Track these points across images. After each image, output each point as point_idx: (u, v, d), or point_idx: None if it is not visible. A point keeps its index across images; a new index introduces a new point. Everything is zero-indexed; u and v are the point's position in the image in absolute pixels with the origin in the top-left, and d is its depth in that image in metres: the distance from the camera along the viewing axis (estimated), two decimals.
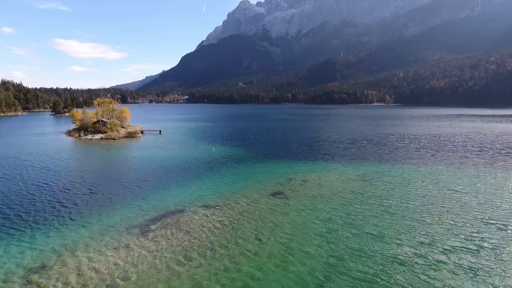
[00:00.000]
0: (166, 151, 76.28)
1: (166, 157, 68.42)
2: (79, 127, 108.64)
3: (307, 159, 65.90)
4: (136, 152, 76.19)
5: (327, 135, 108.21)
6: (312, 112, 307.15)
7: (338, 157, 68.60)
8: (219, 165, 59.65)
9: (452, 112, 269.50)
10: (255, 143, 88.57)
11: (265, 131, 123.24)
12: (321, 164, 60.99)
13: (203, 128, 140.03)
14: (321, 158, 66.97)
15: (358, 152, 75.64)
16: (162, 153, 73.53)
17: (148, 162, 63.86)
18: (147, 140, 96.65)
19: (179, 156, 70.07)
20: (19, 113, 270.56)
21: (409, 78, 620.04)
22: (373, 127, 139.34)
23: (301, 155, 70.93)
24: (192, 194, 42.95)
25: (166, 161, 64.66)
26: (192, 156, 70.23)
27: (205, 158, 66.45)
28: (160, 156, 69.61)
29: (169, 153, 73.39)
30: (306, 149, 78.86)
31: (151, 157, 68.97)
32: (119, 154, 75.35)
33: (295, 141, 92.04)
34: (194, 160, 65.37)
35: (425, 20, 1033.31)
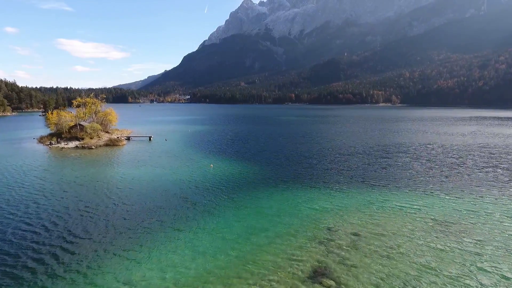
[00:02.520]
0: (149, 169, 58.99)
1: (145, 181, 50.82)
2: (54, 132, 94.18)
3: (333, 184, 48.73)
4: (109, 171, 58.15)
5: (346, 143, 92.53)
6: (318, 113, 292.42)
7: (379, 180, 50.46)
8: (215, 198, 42.36)
9: (468, 113, 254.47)
10: (261, 156, 71.88)
11: (271, 138, 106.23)
12: (359, 193, 44.07)
13: (201, 133, 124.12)
14: (354, 182, 49.70)
15: (409, 173, 61.33)
16: (142, 173, 55.84)
17: (116, 191, 46.13)
18: (131, 150, 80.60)
19: (164, 178, 52.83)
20: (8, 114, 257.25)
21: (415, 78, 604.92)
22: (397, 133, 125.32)
23: (324, 176, 53.52)
24: (160, 271, 24.82)
25: (144, 187, 47.38)
26: (181, 178, 52.46)
27: (198, 183, 49.39)
28: (138, 179, 51.96)
29: (151, 173, 55.96)
30: (328, 166, 61.40)
31: (124, 180, 51.65)
32: (86, 173, 56.30)
33: (310, 154, 75.27)
34: (183, 186, 47.79)
35: (430, 19, 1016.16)
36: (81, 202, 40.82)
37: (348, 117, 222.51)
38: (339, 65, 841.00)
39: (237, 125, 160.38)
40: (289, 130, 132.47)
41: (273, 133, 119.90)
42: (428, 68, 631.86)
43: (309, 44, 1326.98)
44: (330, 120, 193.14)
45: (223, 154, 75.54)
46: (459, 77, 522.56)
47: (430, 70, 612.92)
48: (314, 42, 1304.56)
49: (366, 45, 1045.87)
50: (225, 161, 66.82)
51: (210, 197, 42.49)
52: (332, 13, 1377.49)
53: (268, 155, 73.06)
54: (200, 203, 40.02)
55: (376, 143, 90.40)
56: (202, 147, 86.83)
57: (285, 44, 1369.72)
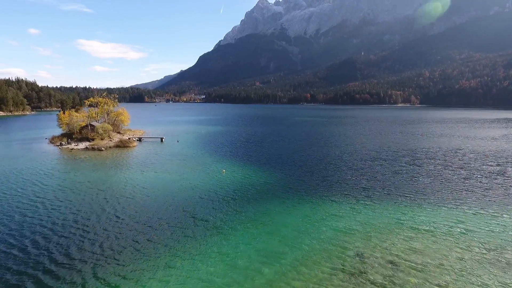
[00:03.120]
0: (156, 175, 54.95)
1: (150, 189, 46.61)
2: (66, 133, 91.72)
3: (357, 196, 42.88)
4: (114, 177, 54.09)
5: (367, 148, 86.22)
6: (334, 113, 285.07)
7: (409, 193, 44.47)
8: (226, 211, 37.63)
9: (493, 115, 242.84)
10: (276, 162, 66.42)
11: (287, 141, 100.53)
12: (388, 209, 38.16)
13: (214, 134, 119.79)
14: (381, 194, 43.83)
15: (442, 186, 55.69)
16: (149, 179, 51.88)
17: (117, 200, 41.98)
18: (141, 152, 77.07)
19: (172, 185, 48.78)
20: (27, 113, 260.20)
21: (435, 77, 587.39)
22: (421, 137, 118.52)
23: (346, 187, 47.74)
24: None
25: (148, 196, 43.18)
26: (191, 185, 48.25)
27: (208, 192, 45.05)
28: (143, 186, 47.96)
29: (158, 179, 52.01)
30: (350, 174, 55.43)
31: (128, 187, 47.98)
32: (89, 179, 52.41)
33: (329, 159, 69.07)
34: (191, 195, 43.48)
35: (450, 17, 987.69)
36: (78, 213, 36.87)
37: (366, 118, 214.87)
38: (355, 65, 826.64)
39: (251, 126, 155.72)
40: (305, 132, 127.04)
41: (289, 135, 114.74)
42: (449, 67, 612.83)
43: (325, 43, 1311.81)
44: (347, 121, 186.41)
45: (236, 158, 70.92)
46: (483, 77, 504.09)
47: (451, 69, 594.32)
48: (330, 42, 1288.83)
49: (384, 44, 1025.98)
50: (238, 166, 62.12)
51: (220, 210, 37.90)
52: (348, 12, 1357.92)
53: (283, 161, 67.98)
54: (209, 218, 35.48)
55: (400, 148, 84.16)
56: (214, 149, 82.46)
57: (300, 44, 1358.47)
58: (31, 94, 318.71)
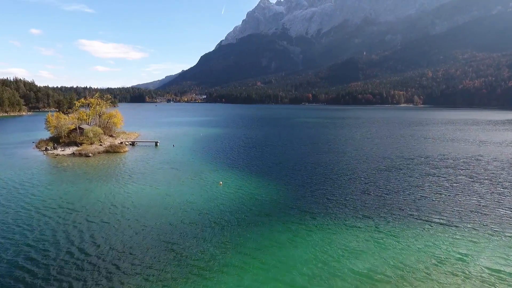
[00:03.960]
0: (145, 187, 48.10)
1: (135, 206, 39.99)
2: (53, 136, 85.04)
3: (378, 219, 35.99)
4: (96, 189, 47.09)
5: (378, 154, 78.77)
6: (337, 114, 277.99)
7: (441, 213, 37.48)
8: (220, 237, 31.61)
9: (501, 116, 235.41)
10: (278, 171, 59.38)
11: (290, 146, 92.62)
12: (420, 238, 31.20)
13: (213, 137, 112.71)
14: (406, 216, 36.98)
15: None
16: (136, 193, 45.21)
17: (94, 219, 35.75)
18: (132, 159, 70.55)
19: (161, 201, 41.88)
20: (23, 113, 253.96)
21: (438, 77, 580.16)
22: (434, 141, 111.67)
23: (362, 204, 40.77)
24: None
25: (131, 215, 36.77)
26: (182, 201, 41.68)
27: (202, 210, 38.66)
28: (128, 202, 41.38)
29: (147, 193, 45.24)
30: (364, 188, 48.24)
31: (110, 203, 41.34)
32: (67, 192, 45.88)
33: (338, 168, 62.35)
34: (182, 215, 37.10)
35: (453, 17, 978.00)
36: (36, 242, 30.14)
37: (371, 119, 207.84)
38: (357, 65, 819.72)
39: (252, 128, 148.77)
40: (309, 136, 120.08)
41: (291, 139, 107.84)
42: (452, 67, 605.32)
43: (326, 43, 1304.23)
44: (351, 123, 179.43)
45: (235, 166, 63.94)
46: (487, 77, 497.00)
47: (454, 69, 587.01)
48: (331, 42, 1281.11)
49: (386, 44, 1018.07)
50: (237, 176, 55.24)
51: (210, 241, 30.98)
52: (350, 12, 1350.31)
53: (286, 170, 60.81)
54: (194, 252, 28.54)
55: (414, 154, 77.11)
56: (211, 155, 75.50)
57: (302, 44, 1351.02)
58: (29, 94, 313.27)
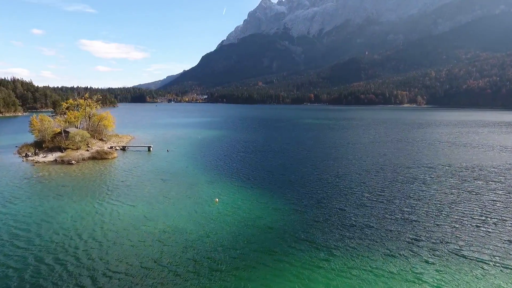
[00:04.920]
0: (125, 206, 41.24)
1: (111, 231, 33.78)
2: (38, 140, 79.46)
3: (407, 252, 29.31)
4: (67, 209, 39.98)
5: (393, 162, 71.60)
6: (340, 115, 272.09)
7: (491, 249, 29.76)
8: (211, 276, 25.44)
9: (509, 117, 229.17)
10: (282, 184, 52.39)
11: (293, 151, 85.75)
12: None
13: (211, 141, 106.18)
14: (444, 249, 30.01)
15: None
16: (118, 214, 38.53)
17: (65, 248, 29.91)
18: (120, 167, 64.23)
19: (141, 226, 35.05)
20: (19, 114, 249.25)
21: (442, 77, 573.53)
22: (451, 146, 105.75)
23: (386, 230, 34.04)
24: None
25: (109, 245, 30.62)
26: (167, 225, 35.23)
27: (192, 237, 32.55)
28: (106, 228, 34.74)
29: (129, 214, 38.19)
30: (383, 207, 40.85)
31: (81, 228, 34.52)
32: (32, 210, 39.55)
33: (351, 180, 54.92)
34: (169, 242, 31.31)
35: (456, 16, 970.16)
36: None
37: (376, 121, 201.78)
38: (359, 65, 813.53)
39: (253, 131, 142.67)
40: (313, 139, 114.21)
41: (296, 144, 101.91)
42: (456, 67, 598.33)
43: (328, 43, 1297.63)
44: (357, 124, 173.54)
45: (233, 177, 57.46)
46: (491, 77, 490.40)
47: (458, 69, 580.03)
48: (333, 41, 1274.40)
49: (388, 44, 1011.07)
50: (235, 191, 49.29)
51: (206, 273, 25.64)
52: (352, 12, 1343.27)
53: (291, 184, 53.98)
54: None
55: (434, 162, 69.68)
56: (208, 163, 69.19)
57: (303, 44, 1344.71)
58: (26, 94, 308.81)
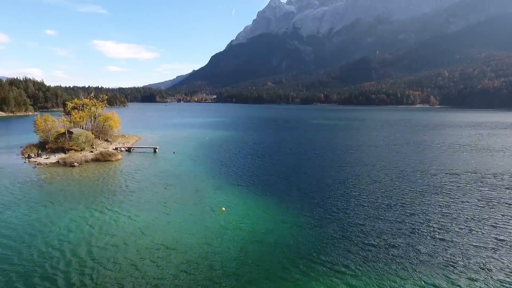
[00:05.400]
0: (122, 215, 37.28)
1: (106, 244, 29.94)
2: (42, 141, 76.83)
3: None
4: (62, 216, 36.55)
5: (423, 169, 63.53)
6: (352, 115, 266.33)
7: None
8: None
9: None
10: (295, 193, 46.91)
11: (306, 156, 78.52)
12: None
13: (220, 142, 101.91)
14: None
15: None
16: (109, 226, 34.08)
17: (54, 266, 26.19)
18: (123, 170, 60.19)
19: (138, 236, 31.47)
20: (30, 113, 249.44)
21: (455, 77, 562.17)
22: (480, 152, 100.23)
23: (422, 252, 28.70)
24: None
25: (96, 258, 27.21)
26: (166, 237, 31.38)
27: (194, 252, 28.65)
28: (96, 236, 31.69)
29: (124, 227, 33.90)
30: (416, 227, 34.25)
31: (73, 237, 31.40)
32: (21, 219, 35.94)
33: (371, 190, 48.55)
34: (163, 258, 27.55)
35: (469, 15, 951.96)
36: None
37: (390, 121, 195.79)
38: (370, 64, 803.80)
39: (262, 131, 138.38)
40: (326, 141, 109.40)
41: (306, 146, 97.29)
42: (470, 67, 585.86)
43: (338, 42, 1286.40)
44: (370, 125, 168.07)
45: (242, 183, 52.72)
46: (507, 77, 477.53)
47: (472, 69, 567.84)
48: (343, 41, 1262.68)
49: (399, 43, 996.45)
50: (243, 199, 44.79)
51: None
52: (362, 11, 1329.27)
53: (303, 190, 49.22)
54: None
55: (461, 168, 63.99)
56: (216, 167, 64.78)
57: (313, 43, 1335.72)
58: (37, 94, 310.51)
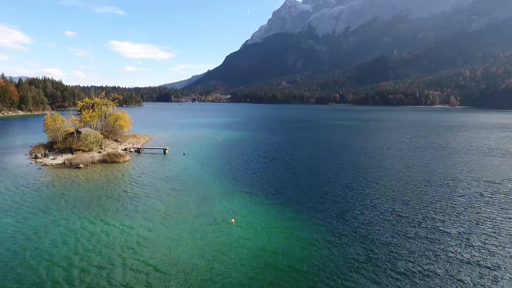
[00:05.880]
0: (124, 223, 34.25)
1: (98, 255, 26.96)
2: (52, 141, 74.56)
3: None
4: (57, 224, 33.60)
5: (469, 177, 57.60)
6: (370, 116, 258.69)
7: None
8: None
9: None
10: (314, 197, 42.95)
11: (324, 157, 73.30)
12: None
13: (232, 143, 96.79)
14: None
15: None
16: (109, 233, 31.63)
17: None
18: (130, 172, 57.05)
19: (136, 249, 28.23)
20: (47, 112, 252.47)
21: (477, 77, 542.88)
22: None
23: None
24: None
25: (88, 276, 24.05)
26: (166, 252, 27.81)
27: (204, 271, 25.09)
28: (90, 249, 28.37)
29: (119, 235, 31.23)
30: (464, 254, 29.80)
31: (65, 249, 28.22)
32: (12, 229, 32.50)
33: (400, 203, 41.41)
34: (176, 273, 24.66)
35: (492, 12, 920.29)
36: None
37: (409, 122, 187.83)
38: (387, 63, 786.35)
39: (276, 133, 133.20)
40: (344, 142, 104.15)
41: (323, 149, 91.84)
42: (493, 66, 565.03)
43: (354, 42, 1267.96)
44: (389, 127, 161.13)
45: (254, 191, 47.51)
46: None
47: (495, 68, 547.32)
48: (360, 40, 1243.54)
49: (418, 42, 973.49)
50: (255, 209, 39.87)
51: None
52: (380, 9, 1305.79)
53: (322, 200, 43.82)
54: None
55: (493, 175, 58.33)
56: (227, 171, 59.73)
57: (329, 42, 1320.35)
58: (55, 93, 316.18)
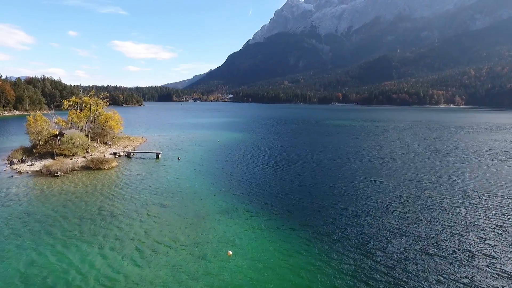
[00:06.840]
0: (98, 254, 26.91)
1: None
2: (33, 144, 68.71)
3: None
4: (25, 251, 27.06)
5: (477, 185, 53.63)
6: (374, 116, 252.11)
7: None
8: None
9: None
10: (324, 217, 35.68)
11: (329, 164, 65.05)
12: None
13: (232, 146, 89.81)
14: None
15: None
16: (85, 261, 25.51)
17: None
18: (115, 182, 49.87)
19: None
20: (44, 112, 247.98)
21: (482, 76, 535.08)
22: None
23: None
24: None
25: None
26: None
27: None
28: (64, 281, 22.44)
29: (101, 267, 24.56)
30: None
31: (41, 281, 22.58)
32: None
33: (422, 212, 36.77)
34: None
35: (496, 11, 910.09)
36: None
37: (417, 122, 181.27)
38: (391, 63, 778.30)
39: (278, 134, 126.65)
40: (353, 146, 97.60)
41: (330, 153, 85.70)
42: (498, 65, 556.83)
43: (357, 41, 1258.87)
44: (395, 127, 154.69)
45: (255, 209, 39.40)
46: None
47: (500, 67, 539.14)
48: (362, 39, 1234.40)
49: (422, 41, 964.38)
50: (256, 236, 32.34)
51: None
52: (382, 8, 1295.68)
53: (333, 220, 36.95)
54: None
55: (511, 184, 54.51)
56: (224, 182, 51.14)
57: (331, 42, 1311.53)
58: (54, 92, 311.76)
